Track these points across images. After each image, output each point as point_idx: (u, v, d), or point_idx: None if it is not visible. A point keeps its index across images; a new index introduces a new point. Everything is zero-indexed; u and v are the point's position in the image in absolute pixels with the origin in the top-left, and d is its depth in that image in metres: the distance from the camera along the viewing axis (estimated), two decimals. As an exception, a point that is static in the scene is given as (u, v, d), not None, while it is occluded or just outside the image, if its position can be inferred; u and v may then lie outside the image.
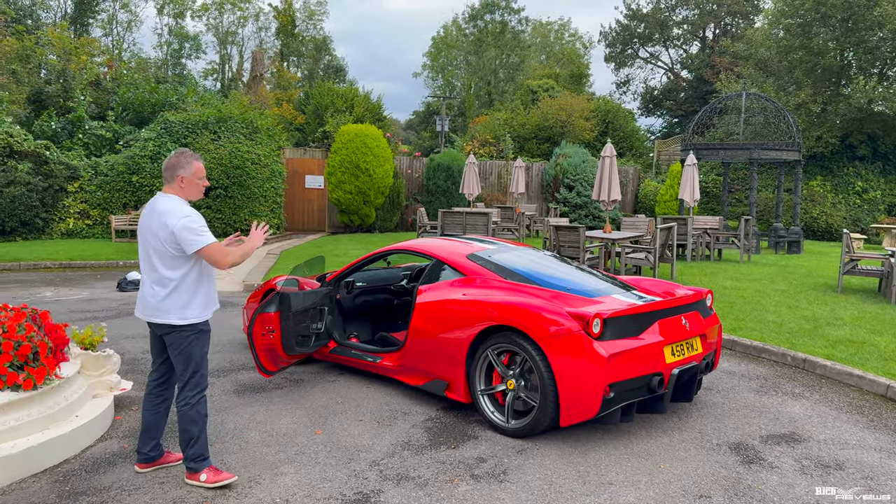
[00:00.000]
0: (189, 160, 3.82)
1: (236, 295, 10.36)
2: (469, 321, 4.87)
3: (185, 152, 3.86)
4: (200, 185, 3.86)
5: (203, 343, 3.84)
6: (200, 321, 3.80)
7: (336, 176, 19.04)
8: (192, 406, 3.78)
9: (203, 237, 3.67)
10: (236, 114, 18.79)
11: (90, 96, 22.07)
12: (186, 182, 3.80)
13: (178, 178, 3.80)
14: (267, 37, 52.74)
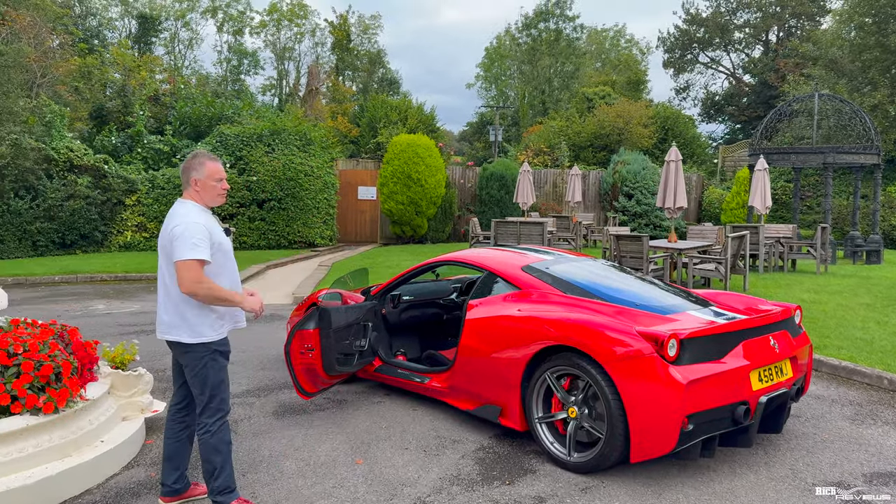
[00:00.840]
0: (202, 161, 3.48)
1: (284, 308, 10.10)
2: (524, 340, 4.38)
3: (199, 153, 3.53)
4: (218, 188, 3.50)
5: (220, 365, 3.46)
6: (214, 340, 3.43)
7: (388, 187, 18.80)
8: (213, 434, 3.40)
9: (189, 249, 3.25)
10: (290, 126, 18.78)
11: (149, 111, 22.48)
12: (201, 185, 3.47)
13: (192, 182, 3.48)
14: (323, 52, 53.44)
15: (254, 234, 17.81)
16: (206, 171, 3.46)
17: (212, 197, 3.49)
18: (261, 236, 17.86)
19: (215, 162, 3.51)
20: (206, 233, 3.33)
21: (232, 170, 17.72)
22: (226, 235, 3.54)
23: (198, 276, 3.26)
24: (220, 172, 3.51)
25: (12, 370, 3.80)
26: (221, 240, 3.45)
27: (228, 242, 3.55)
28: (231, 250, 3.57)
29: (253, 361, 6.81)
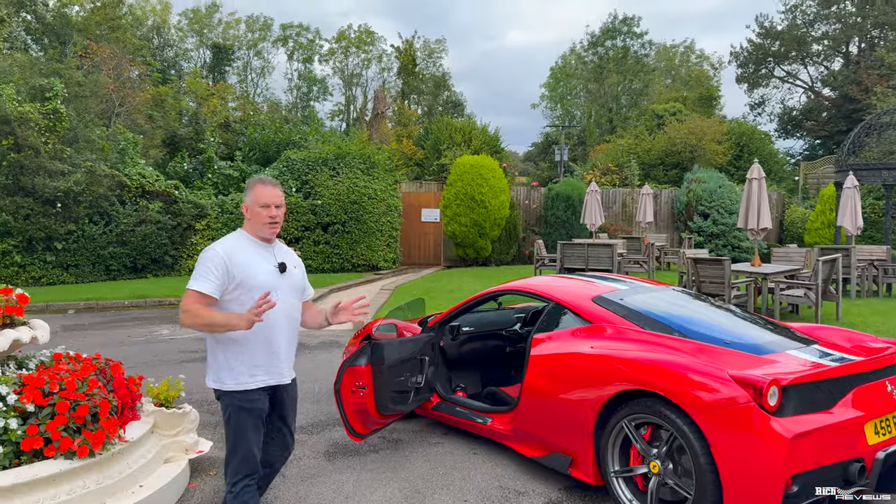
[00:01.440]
0: (252, 184, 3.21)
1: (344, 334, 9.84)
2: (597, 382, 3.90)
3: (255, 177, 3.27)
4: (263, 216, 3.14)
5: (244, 421, 3.09)
6: (236, 391, 3.10)
7: (451, 208, 18.51)
8: (236, 496, 3.07)
9: (193, 278, 3.02)
10: (355, 150, 18.78)
11: (220, 137, 23.00)
12: (249, 212, 3.20)
13: (244, 208, 3.23)
14: (389, 77, 54.14)
15: (318, 257, 17.80)
16: (252, 195, 3.18)
17: (257, 225, 3.16)
18: (325, 259, 17.83)
19: (265, 186, 3.17)
20: (219, 264, 3.02)
21: (297, 194, 17.81)
22: (279, 271, 3.15)
23: (186, 305, 2.98)
24: (265, 198, 3.14)
25: (47, 411, 3.59)
26: (250, 276, 3.05)
27: (269, 279, 3.10)
28: (273, 286, 3.08)
29: (307, 392, 6.51)
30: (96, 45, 27.79)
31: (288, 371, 3.25)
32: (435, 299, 12.42)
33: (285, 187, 17.82)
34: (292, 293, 3.25)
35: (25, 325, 4.09)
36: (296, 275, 3.29)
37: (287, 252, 3.35)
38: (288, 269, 3.21)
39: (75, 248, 16.15)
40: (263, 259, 3.15)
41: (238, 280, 3.04)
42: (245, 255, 3.09)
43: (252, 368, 3.10)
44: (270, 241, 3.24)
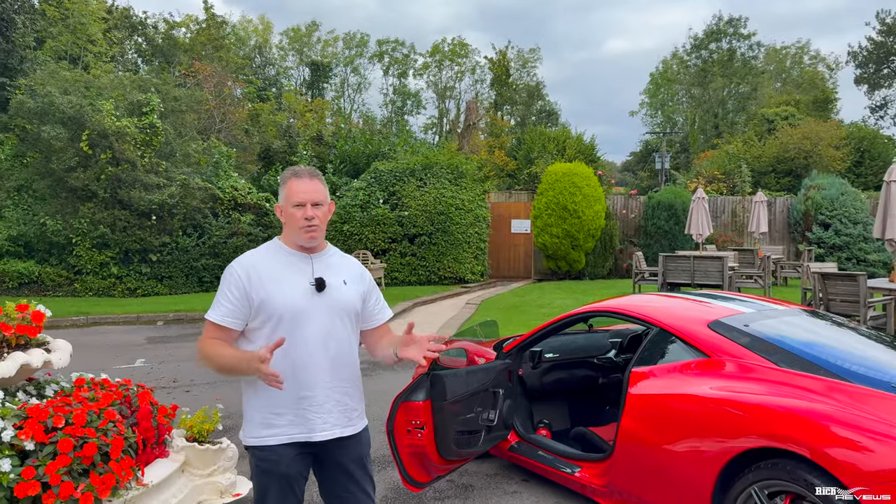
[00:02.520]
0: (283, 180, 2.49)
1: (424, 353, 9.17)
2: (718, 434, 3.01)
3: (287, 170, 2.53)
4: (297, 217, 2.40)
5: (265, 486, 2.42)
6: (254, 446, 2.43)
7: (542, 219, 17.60)
8: None
9: (213, 305, 2.43)
10: (443, 160, 18.27)
11: (312, 150, 23.10)
12: (283, 214, 2.49)
13: (277, 211, 2.53)
14: (482, 88, 53.83)
15: (405, 269, 17.34)
16: (283, 192, 2.47)
17: (293, 230, 2.44)
18: (411, 272, 17.34)
19: (300, 180, 2.43)
20: (236, 284, 2.38)
21: (385, 205, 17.45)
22: (317, 289, 2.41)
23: (204, 342, 2.39)
24: (298, 194, 2.40)
25: (48, 449, 3.07)
26: (272, 296, 2.36)
27: (297, 300, 2.38)
28: (303, 309, 2.38)
29: (374, 421, 5.85)
30: (199, 63, 28.84)
31: (335, 421, 2.44)
32: (523, 315, 11.59)
33: (372, 199, 17.49)
34: (337, 317, 2.45)
35: (44, 345, 3.63)
36: (345, 293, 2.48)
37: (339, 264, 2.56)
38: (331, 286, 2.43)
39: (169, 260, 16.40)
40: (296, 274, 2.43)
41: (259, 301, 2.37)
42: (271, 271, 2.41)
43: (270, 418, 2.40)
44: (312, 251, 2.49)
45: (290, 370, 2.35)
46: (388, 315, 2.72)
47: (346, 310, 2.49)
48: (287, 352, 2.34)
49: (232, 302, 2.37)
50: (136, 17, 35.87)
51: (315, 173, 2.48)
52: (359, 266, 2.65)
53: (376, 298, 2.68)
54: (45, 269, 15.56)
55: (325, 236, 2.55)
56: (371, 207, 17.35)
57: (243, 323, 2.40)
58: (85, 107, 15.24)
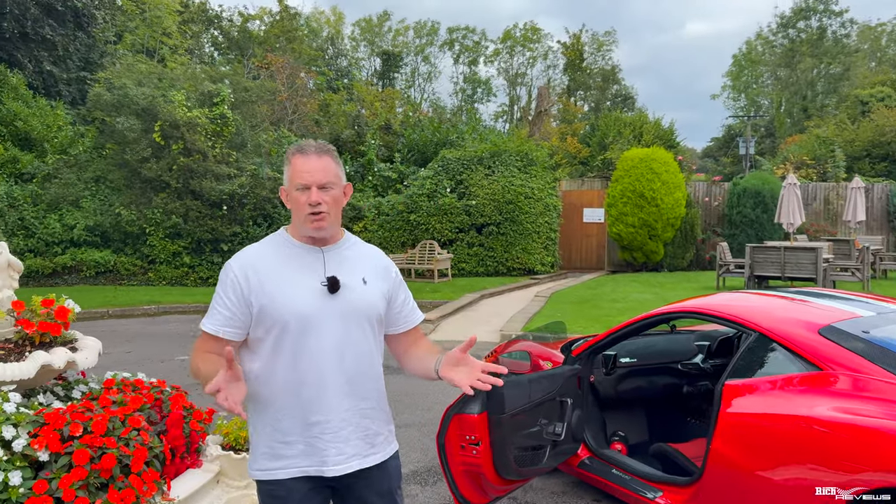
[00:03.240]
0: (287, 158, 2.06)
1: (490, 347, 8.71)
2: (835, 466, 2.45)
3: (291, 146, 2.09)
4: (301, 203, 1.98)
5: None
6: (261, 479, 2.03)
7: (617, 207, 16.79)
8: None
9: (208, 311, 2.04)
10: (512, 147, 17.71)
11: (380, 140, 22.95)
12: (288, 199, 2.07)
13: (282, 195, 2.11)
14: (554, 74, 52.76)
15: (472, 260, 16.90)
16: (287, 173, 2.04)
17: (298, 215, 2.01)
18: (479, 262, 16.89)
19: (304, 157, 1.98)
20: (232, 286, 1.98)
21: (452, 194, 17.04)
22: (329, 290, 1.97)
23: (194, 353, 2.02)
24: (303, 175, 1.96)
25: (63, 460, 2.79)
26: (273, 300, 1.95)
27: (304, 304, 1.95)
28: (311, 316, 1.95)
29: (433, 422, 5.46)
30: (272, 55, 29.17)
31: (354, 451, 2.00)
32: (596, 309, 10.97)
33: (439, 188, 17.10)
34: (355, 323, 2.01)
35: (71, 343, 3.38)
36: (365, 294, 2.04)
37: (358, 257, 2.11)
38: (347, 285, 2.00)
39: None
40: (304, 272, 2.00)
41: (258, 307, 1.95)
42: (274, 269, 1.99)
43: (278, 447, 1.99)
44: (323, 242, 2.05)
45: (297, 390, 1.95)
46: (418, 318, 2.28)
47: (365, 314, 2.04)
48: (294, 367, 1.94)
49: (229, 308, 1.96)
50: (213, 10, 36.69)
51: (325, 149, 2.03)
52: (382, 258, 2.20)
53: (404, 298, 2.22)
54: (120, 259, 15.94)
55: (339, 224, 2.11)
56: (438, 196, 16.98)
57: (243, 332, 1.99)
58: (157, 98, 15.47)
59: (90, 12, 20.29)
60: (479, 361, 2.01)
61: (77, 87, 20.63)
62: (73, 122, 19.45)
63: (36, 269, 15.22)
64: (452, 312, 11.39)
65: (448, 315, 11.14)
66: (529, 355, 3.95)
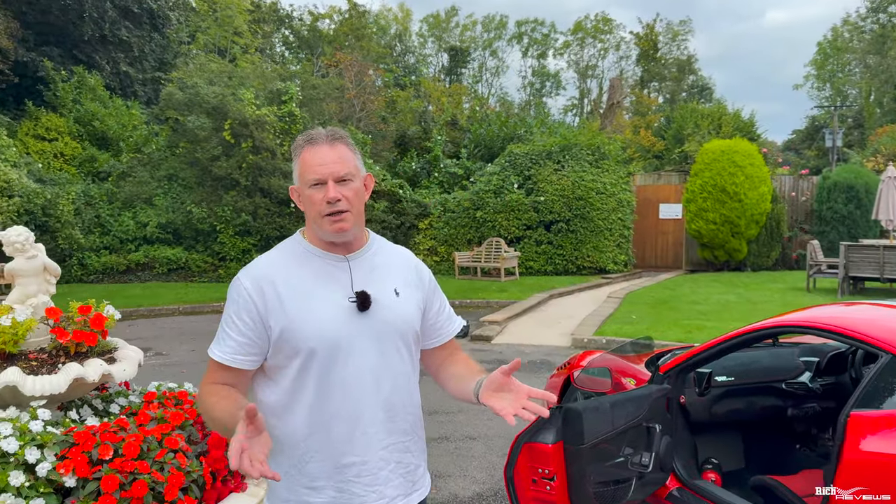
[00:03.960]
0: (295, 151, 1.72)
1: (559, 352, 8.24)
2: None
3: (299, 136, 1.75)
4: (317, 201, 1.64)
5: None
6: None
7: (696, 203, 15.92)
8: None
9: (217, 336, 1.69)
10: (582, 140, 17.07)
11: (447, 135, 22.66)
12: (300, 199, 1.73)
13: (293, 195, 1.77)
14: (627, 65, 51.34)
15: (540, 258, 16.37)
16: (297, 168, 1.71)
17: (315, 220, 1.68)
18: (547, 261, 16.34)
19: (315, 147, 1.66)
20: (248, 307, 1.63)
21: (520, 190, 16.55)
22: (359, 308, 1.65)
23: (202, 382, 1.69)
24: (315, 168, 1.64)
25: (91, 486, 2.53)
26: (296, 322, 1.61)
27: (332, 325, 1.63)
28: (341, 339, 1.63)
29: (499, 439, 5.06)
30: (340, 53, 29.32)
31: (395, 491, 1.70)
32: (675, 311, 10.31)
33: (506, 184, 16.63)
34: (391, 344, 1.70)
35: (109, 353, 3.14)
36: (400, 308, 1.73)
37: (387, 264, 1.79)
38: (379, 300, 1.68)
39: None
40: (328, 286, 1.67)
41: (279, 331, 1.62)
42: (294, 283, 1.65)
43: (303, 494, 1.65)
44: (347, 248, 1.72)
45: (327, 427, 1.63)
46: (456, 328, 1.93)
47: (401, 332, 1.72)
48: (323, 401, 1.62)
49: (242, 332, 1.63)
50: (283, 10, 37.23)
51: (337, 135, 1.70)
52: (412, 261, 1.87)
53: (440, 306, 1.89)
54: (191, 256, 16.17)
55: (363, 224, 1.76)
56: (505, 193, 16.52)
57: (260, 359, 1.67)
58: (227, 96, 15.60)
59: (165, 13, 20.76)
60: (524, 386, 1.64)
61: (152, 87, 21.18)
62: (148, 122, 19.96)
63: (110, 266, 15.62)
64: (520, 313, 10.94)
65: (515, 316, 10.69)
66: (610, 372, 3.50)
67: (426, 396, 1.99)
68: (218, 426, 1.58)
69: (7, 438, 2.46)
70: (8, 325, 2.71)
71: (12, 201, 13.57)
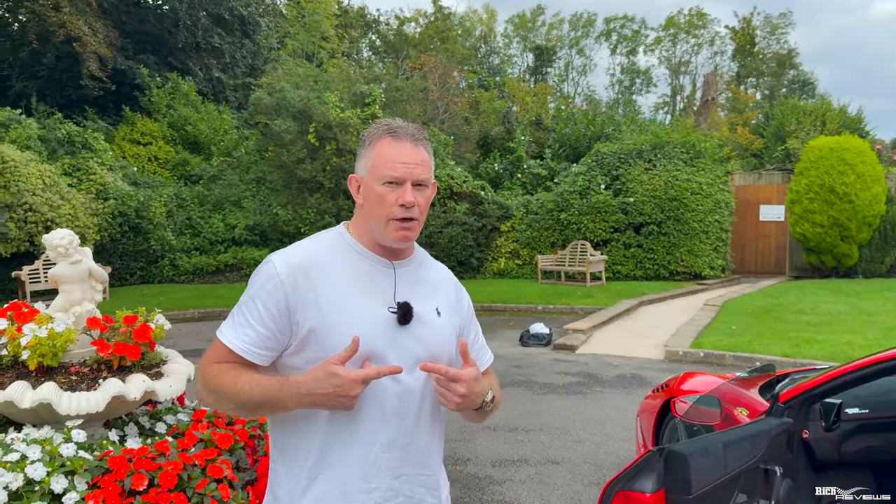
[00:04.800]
0: (369, 141, 1.51)
1: (652, 366, 7.63)
2: None
3: (374, 125, 1.54)
4: (388, 201, 1.46)
5: None
6: None
7: (801, 204, 14.74)
8: None
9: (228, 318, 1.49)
10: (676, 138, 16.18)
11: (530, 136, 22.13)
12: (362, 191, 1.53)
13: (352, 187, 1.56)
14: (722, 61, 49.14)
15: (629, 262, 15.59)
16: (370, 159, 1.49)
17: (377, 220, 1.47)
18: (636, 265, 15.54)
19: (398, 143, 1.47)
20: (277, 295, 1.42)
21: (607, 191, 15.83)
22: (400, 320, 1.47)
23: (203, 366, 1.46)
24: (396, 166, 1.45)
25: (122, 520, 2.27)
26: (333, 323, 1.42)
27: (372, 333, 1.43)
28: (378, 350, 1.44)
29: (586, 465, 4.57)
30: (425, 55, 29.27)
31: None
32: (780, 322, 9.45)
33: (593, 185, 15.94)
34: (420, 363, 1.47)
35: (156, 367, 2.90)
36: (438, 329, 1.55)
37: (431, 281, 1.61)
38: (420, 316, 1.51)
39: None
40: (369, 291, 1.48)
41: (307, 329, 1.42)
42: (333, 280, 1.46)
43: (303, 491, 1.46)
44: (397, 255, 1.55)
45: (344, 449, 1.44)
46: (487, 361, 1.74)
47: (436, 355, 1.51)
48: (344, 419, 1.43)
49: (264, 324, 1.43)
50: (370, 15, 37.65)
51: (421, 136, 1.52)
52: (455, 282, 1.70)
53: (475, 335, 1.72)
54: (277, 257, 16.39)
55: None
56: (591, 194, 15.84)
57: (274, 355, 1.46)
58: (312, 100, 15.70)
59: (255, 20, 21.25)
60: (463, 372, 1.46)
61: (242, 92, 21.73)
62: (238, 126, 20.45)
63: (200, 267, 16.00)
64: (607, 321, 10.34)
65: (602, 324, 10.10)
66: (720, 402, 2.99)
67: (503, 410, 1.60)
68: (240, 399, 1.39)
69: (34, 464, 2.24)
70: (45, 337, 2.50)
71: (107, 203, 14.10)
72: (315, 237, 1.55)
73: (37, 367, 2.54)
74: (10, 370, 2.61)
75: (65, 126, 15.06)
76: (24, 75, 19.12)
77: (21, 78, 19.13)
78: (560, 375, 7.14)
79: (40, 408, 2.46)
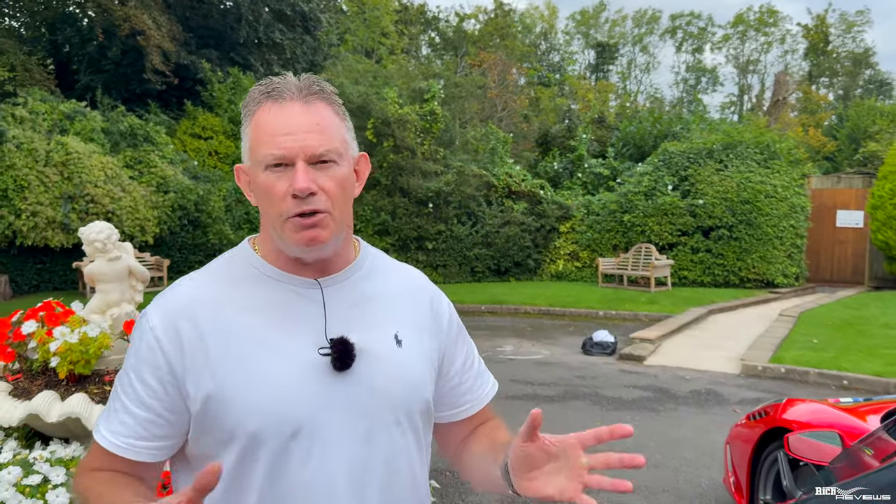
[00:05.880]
0: (246, 112, 1.05)
1: (726, 380, 7.09)
2: None
3: (252, 88, 1.07)
4: (277, 194, 1.01)
5: None
6: None
7: (884, 210, 13.78)
8: None
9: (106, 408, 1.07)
10: (749, 138, 15.38)
11: (592, 134, 21.53)
12: (251, 187, 1.08)
13: (240, 182, 1.12)
14: (793, 59, 47.25)
15: (696, 268, 14.87)
16: (249, 138, 1.05)
17: (273, 223, 1.04)
18: (705, 271, 14.81)
19: (278, 105, 1.01)
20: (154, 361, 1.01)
21: (674, 192, 15.15)
22: (334, 365, 1.02)
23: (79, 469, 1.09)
24: (276, 140, 1.00)
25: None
26: (230, 386, 0.99)
27: (291, 392, 1.00)
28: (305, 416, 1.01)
29: (665, 489, 4.13)
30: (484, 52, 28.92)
31: None
32: (865, 337, 8.73)
33: (659, 185, 15.27)
34: (380, 424, 1.06)
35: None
36: (400, 367, 1.10)
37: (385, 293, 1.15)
38: (366, 354, 1.06)
39: (444, 248, 16.15)
40: (288, 328, 1.05)
41: (201, 400, 1.00)
42: (231, 323, 1.04)
43: None
44: (321, 269, 1.09)
45: None
46: (490, 390, 1.28)
47: (402, 404, 1.09)
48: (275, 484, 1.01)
49: (144, 403, 1.02)
50: (430, 12, 37.48)
51: (314, 89, 1.05)
52: (426, 290, 1.23)
53: (466, 358, 1.25)
54: (332, 254, 16.30)
55: (350, 231, 1.12)
56: (657, 195, 15.18)
57: (171, 444, 1.06)
58: (370, 95, 15.52)
59: (316, 16, 21.26)
60: (570, 439, 0.99)
61: (303, 88, 21.77)
62: (298, 122, 20.44)
63: (258, 262, 16.05)
64: (675, 330, 9.78)
65: (670, 333, 9.55)
66: (840, 438, 2.55)
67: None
68: None
69: (56, 490, 1.97)
70: (76, 342, 2.24)
71: (167, 196, 14.21)
72: (207, 266, 1.12)
73: (67, 374, 2.29)
74: (41, 377, 2.37)
75: (127, 119, 15.27)
76: (91, 69, 19.58)
77: (88, 72, 19.60)
78: (629, 389, 6.68)
79: (69, 421, 2.21)
